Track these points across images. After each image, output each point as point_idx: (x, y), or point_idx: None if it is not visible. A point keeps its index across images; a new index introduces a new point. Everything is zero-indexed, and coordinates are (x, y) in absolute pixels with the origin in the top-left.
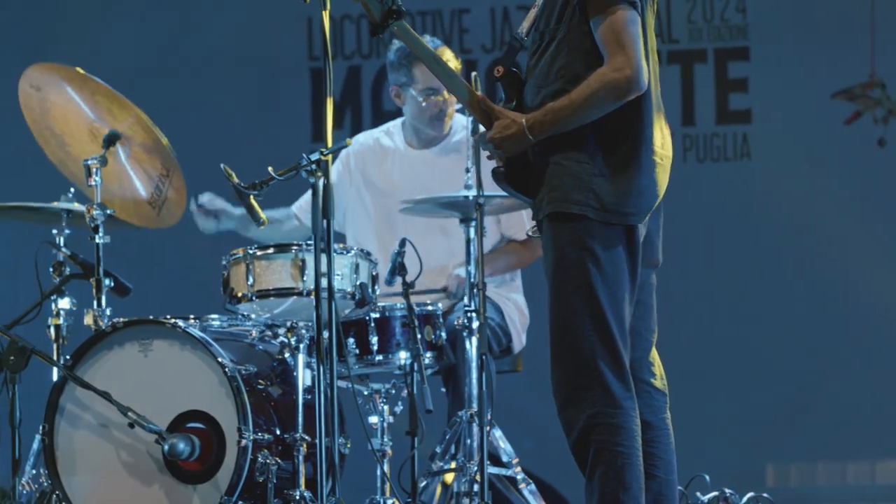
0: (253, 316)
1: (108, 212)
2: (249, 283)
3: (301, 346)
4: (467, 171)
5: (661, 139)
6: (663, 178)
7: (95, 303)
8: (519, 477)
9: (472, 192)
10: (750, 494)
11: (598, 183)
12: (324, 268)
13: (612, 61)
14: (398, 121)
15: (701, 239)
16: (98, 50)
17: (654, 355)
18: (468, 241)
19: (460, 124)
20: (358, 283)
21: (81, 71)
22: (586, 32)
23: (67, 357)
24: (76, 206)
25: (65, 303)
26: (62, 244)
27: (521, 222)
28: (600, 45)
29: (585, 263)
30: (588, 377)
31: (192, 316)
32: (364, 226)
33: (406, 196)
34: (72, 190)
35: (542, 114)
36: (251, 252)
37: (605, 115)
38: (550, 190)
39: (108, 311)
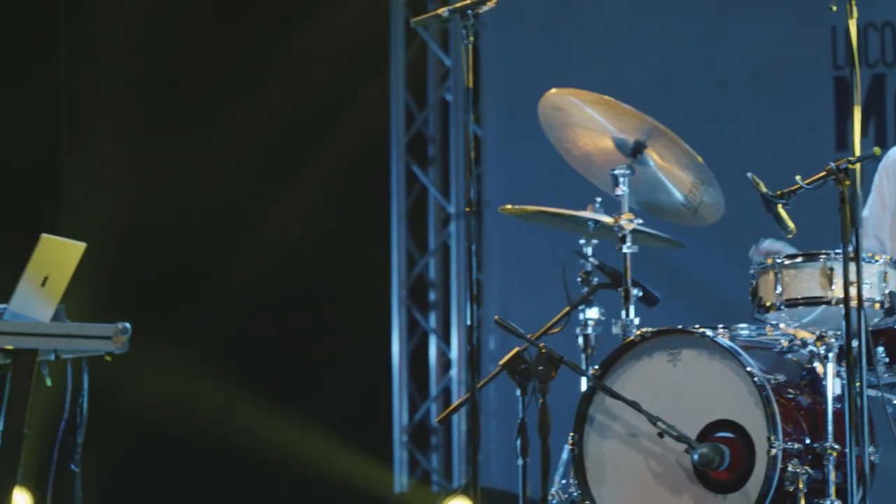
0: (782, 325)
1: (637, 222)
2: (778, 291)
3: (830, 355)
4: None
5: None
6: None
7: (624, 312)
8: None
9: None
10: None
11: None
12: (853, 276)
13: None
14: None
15: None
16: (623, 66)
17: None
18: None
19: None
20: (887, 291)
21: (601, 96)
22: None
23: (596, 367)
24: (603, 217)
25: (593, 312)
26: (590, 254)
27: None
28: None
29: None
30: None
31: (720, 325)
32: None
33: None
34: (598, 199)
35: None
36: (779, 261)
37: None
38: None
39: (636, 321)
